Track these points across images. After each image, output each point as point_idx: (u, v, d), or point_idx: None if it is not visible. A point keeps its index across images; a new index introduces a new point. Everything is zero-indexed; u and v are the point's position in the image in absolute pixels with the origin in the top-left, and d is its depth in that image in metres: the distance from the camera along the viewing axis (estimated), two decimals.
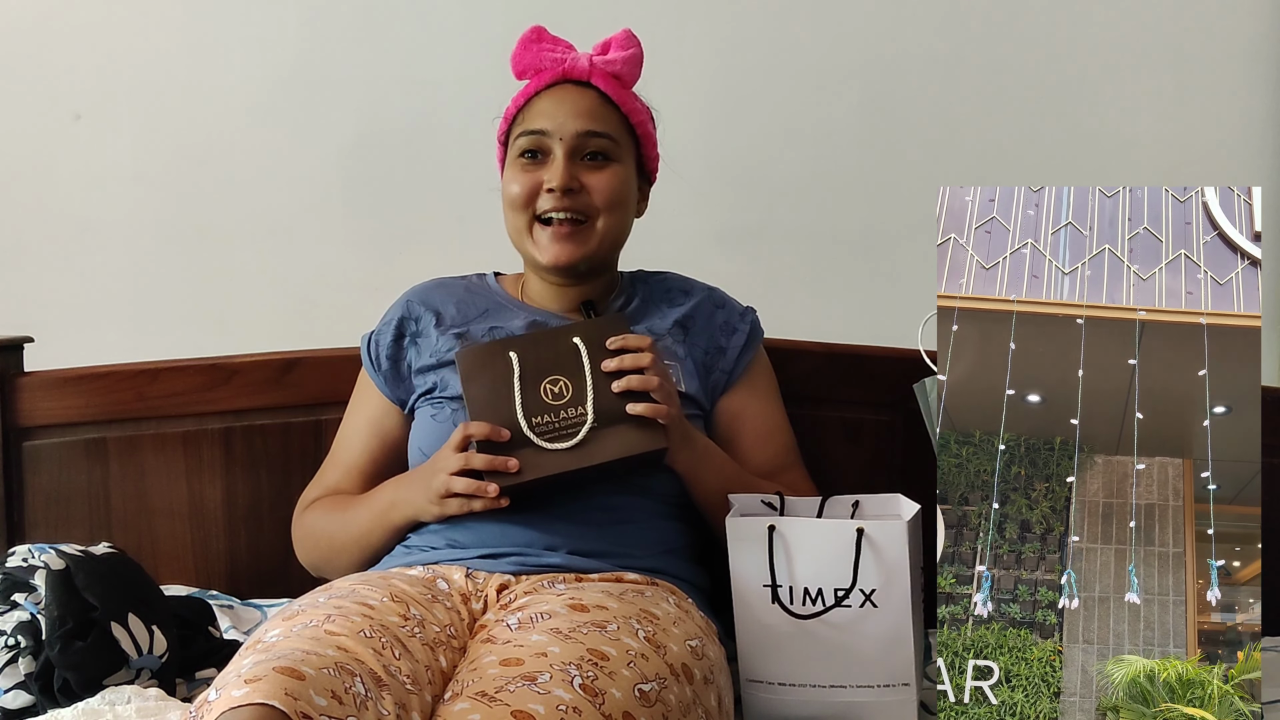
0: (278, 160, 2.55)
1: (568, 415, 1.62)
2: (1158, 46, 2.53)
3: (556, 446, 1.60)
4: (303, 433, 2.12)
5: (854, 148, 2.54)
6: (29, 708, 1.60)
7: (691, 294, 1.90)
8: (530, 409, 1.62)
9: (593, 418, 1.61)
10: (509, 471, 1.60)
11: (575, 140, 1.77)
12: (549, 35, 1.83)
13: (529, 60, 1.82)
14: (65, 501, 2.11)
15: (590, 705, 1.30)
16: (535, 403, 1.62)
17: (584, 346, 1.64)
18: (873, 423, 2.10)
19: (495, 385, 1.63)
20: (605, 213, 1.78)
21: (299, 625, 1.38)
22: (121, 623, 1.63)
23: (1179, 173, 2.48)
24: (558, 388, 1.63)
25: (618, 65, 1.81)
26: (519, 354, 1.64)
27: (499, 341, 1.68)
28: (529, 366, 1.63)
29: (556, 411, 1.62)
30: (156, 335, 2.46)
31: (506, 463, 1.60)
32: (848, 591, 1.57)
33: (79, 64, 2.53)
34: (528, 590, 1.58)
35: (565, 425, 1.61)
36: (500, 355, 1.65)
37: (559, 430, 1.61)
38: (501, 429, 1.61)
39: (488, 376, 1.64)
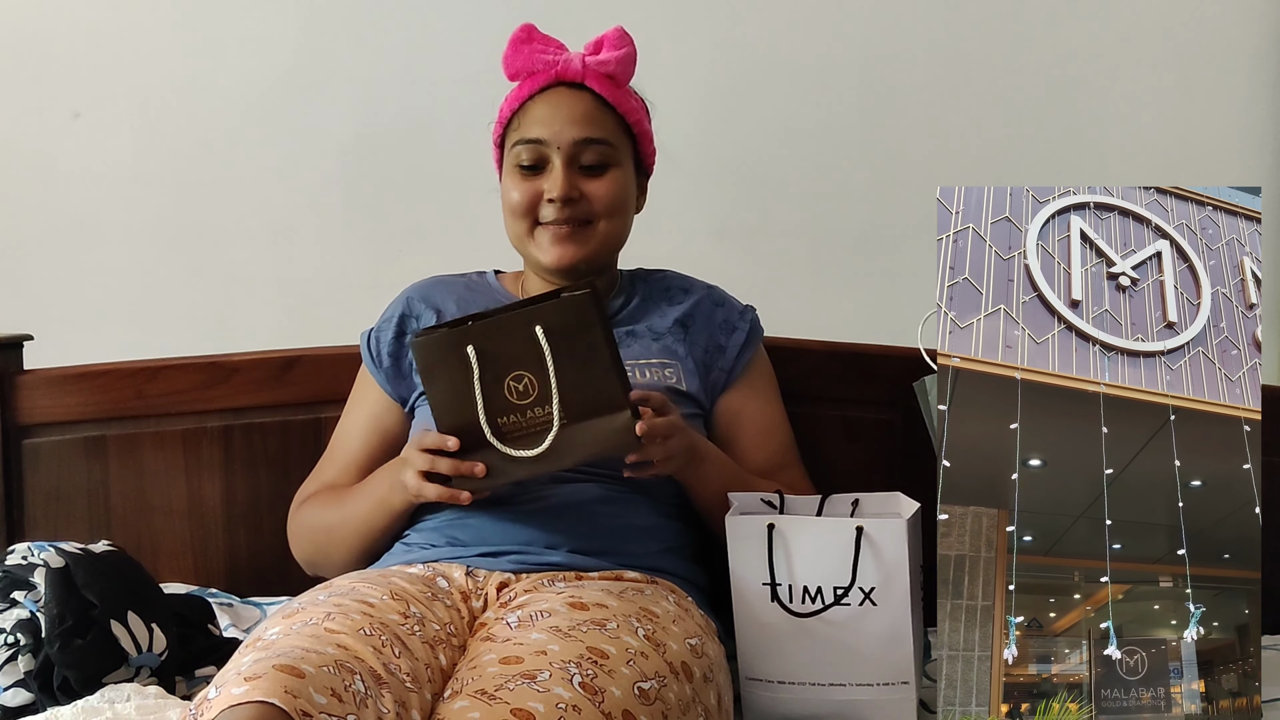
0: (277, 159, 2.55)
1: (534, 415, 1.55)
2: (1158, 47, 2.53)
3: (524, 453, 1.54)
4: (302, 431, 2.12)
5: (854, 145, 2.54)
6: (28, 705, 1.60)
7: (691, 292, 1.90)
8: (494, 409, 1.54)
9: (559, 415, 1.53)
10: (475, 477, 1.57)
11: (573, 148, 1.76)
12: (539, 34, 1.82)
13: (521, 62, 1.80)
14: (65, 499, 2.11)
15: (590, 703, 1.30)
16: (499, 402, 1.54)
17: (545, 339, 1.52)
18: (872, 421, 2.10)
19: (455, 385, 1.55)
20: (606, 218, 1.78)
21: (299, 623, 1.38)
22: (121, 621, 1.63)
23: (1179, 172, 2.48)
24: (522, 385, 1.54)
25: (611, 65, 1.80)
26: (476, 348, 1.53)
27: (455, 331, 1.56)
28: (489, 362, 1.54)
29: (523, 411, 1.55)
30: (156, 333, 2.45)
31: (473, 468, 1.57)
32: (847, 590, 1.57)
33: (78, 62, 2.53)
34: (528, 588, 1.58)
35: (533, 426, 1.55)
36: (457, 349, 1.54)
37: (526, 432, 1.55)
38: (448, 440, 1.56)
39: (447, 375, 1.55)
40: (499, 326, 1.55)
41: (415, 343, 1.57)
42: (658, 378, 1.78)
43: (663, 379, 1.78)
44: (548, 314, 1.53)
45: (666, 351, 1.81)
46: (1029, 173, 2.38)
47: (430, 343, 1.56)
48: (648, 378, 1.77)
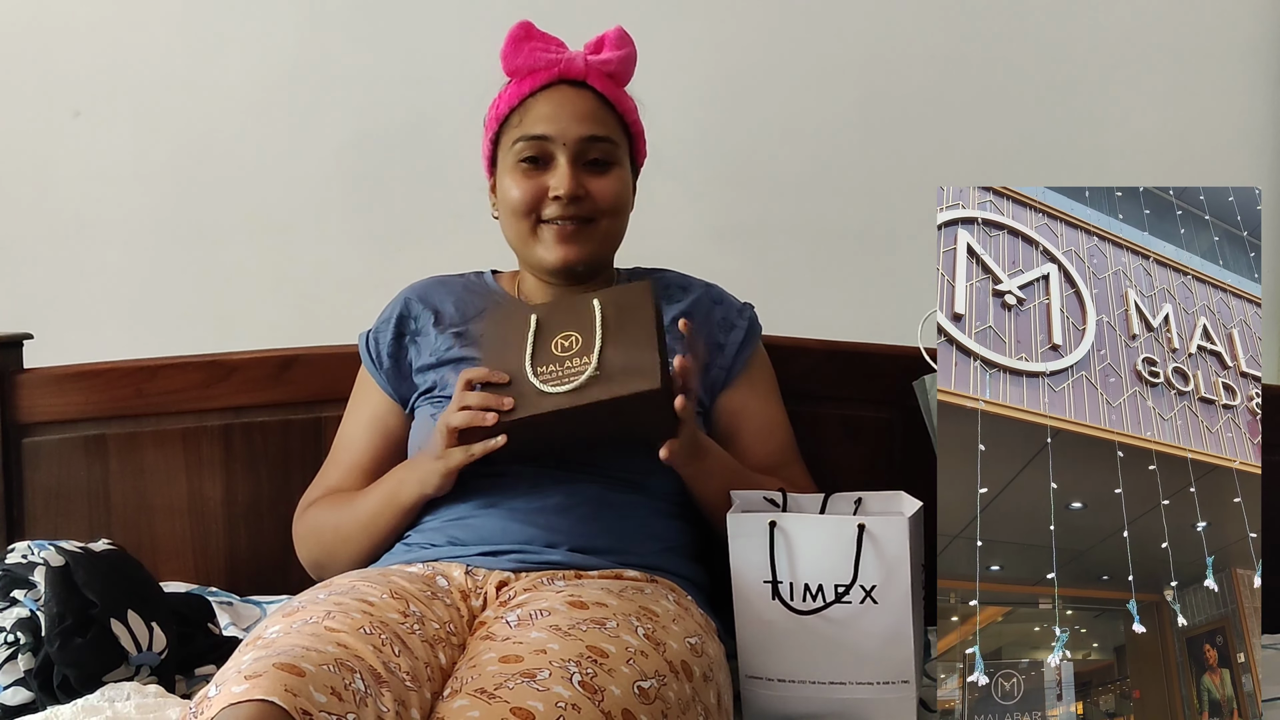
0: (277, 157, 2.55)
1: (572, 365, 1.62)
2: (1159, 46, 2.53)
3: (555, 389, 1.61)
4: (302, 430, 2.12)
5: (853, 144, 2.54)
6: (28, 704, 1.60)
7: (689, 290, 1.90)
8: (538, 360, 1.64)
9: (595, 366, 1.60)
10: (504, 409, 1.60)
11: (579, 145, 1.76)
12: (538, 32, 1.82)
13: (521, 59, 1.80)
14: (65, 498, 2.11)
15: (589, 702, 1.30)
16: (544, 355, 1.64)
17: (600, 308, 1.65)
18: (872, 420, 2.10)
19: (509, 335, 1.67)
20: (608, 217, 1.78)
21: (299, 622, 1.38)
22: (121, 619, 1.63)
23: (1179, 172, 2.48)
24: (569, 341, 1.64)
25: (613, 65, 1.80)
26: (540, 314, 1.68)
27: (527, 305, 1.74)
28: (546, 324, 1.67)
29: (562, 362, 1.63)
30: (156, 332, 2.46)
31: (501, 400, 1.60)
32: (848, 588, 1.57)
33: (78, 61, 2.53)
34: (527, 587, 1.58)
35: (568, 373, 1.62)
36: (522, 312, 1.70)
37: (561, 377, 1.62)
38: (500, 372, 1.63)
39: (504, 328, 1.69)
40: (562, 303, 1.72)
41: (490, 308, 1.76)
42: None
43: None
44: (609, 293, 1.68)
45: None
46: (1029, 172, 2.38)
47: (503, 306, 1.79)
48: None
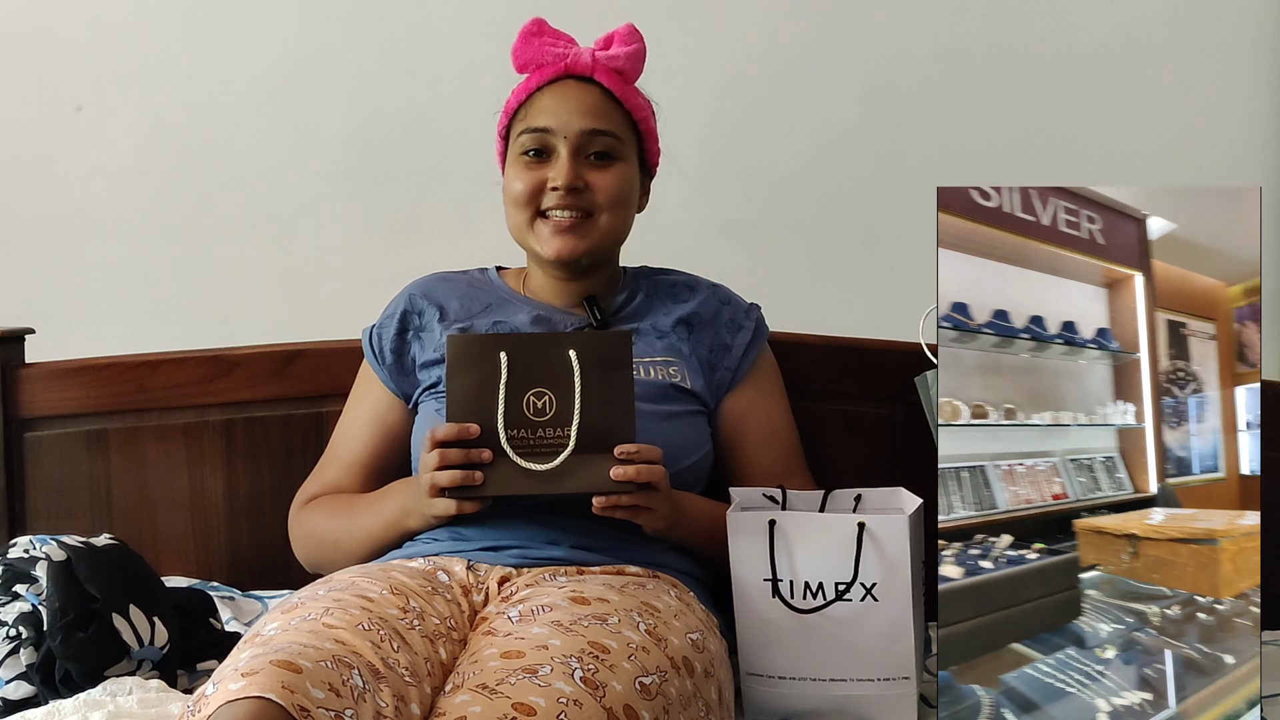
0: (279, 152, 2.54)
1: (544, 435, 1.57)
2: (1159, 45, 2.52)
3: (530, 466, 1.56)
4: (304, 424, 2.12)
5: (856, 141, 2.54)
6: (30, 699, 1.60)
7: (696, 290, 1.89)
8: (510, 420, 1.57)
9: (574, 444, 1.56)
10: (474, 484, 1.57)
11: (580, 138, 1.76)
12: (550, 28, 1.82)
13: (530, 54, 1.81)
14: (66, 493, 2.12)
15: (591, 698, 1.30)
16: (516, 415, 1.57)
17: (578, 362, 1.58)
18: (873, 416, 2.10)
19: (480, 386, 1.58)
20: (609, 211, 1.78)
21: (297, 618, 1.38)
22: (123, 614, 1.63)
23: (1180, 171, 2.48)
24: (541, 403, 1.58)
25: (621, 61, 1.80)
26: (509, 355, 1.58)
27: (493, 336, 1.65)
28: (518, 372, 1.58)
29: (534, 428, 1.57)
30: (157, 327, 2.46)
31: (473, 476, 1.57)
32: (848, 585, 1.57)
33: (80, 56, 2.53)
34: (529, 583, 1.58)
35: (541, 445, 1.57)
36: (491, 353, 1.59)
37: (533, 449, 1.57)
38: (470, 426, 1.57)
39: (474, 374, 1.59)
40: (537, 341, 1.62)
41: (451, 338, 1.62)
42: (662, 375, 1.78)
43: (667, 376, 1.78)
44: (586, 341, 1.60)
45: (670, 349, 1.81)
46: (1030, 169, 2.38)
47: (467, 339, 1.63)
48: (652, 375, 1.77)
